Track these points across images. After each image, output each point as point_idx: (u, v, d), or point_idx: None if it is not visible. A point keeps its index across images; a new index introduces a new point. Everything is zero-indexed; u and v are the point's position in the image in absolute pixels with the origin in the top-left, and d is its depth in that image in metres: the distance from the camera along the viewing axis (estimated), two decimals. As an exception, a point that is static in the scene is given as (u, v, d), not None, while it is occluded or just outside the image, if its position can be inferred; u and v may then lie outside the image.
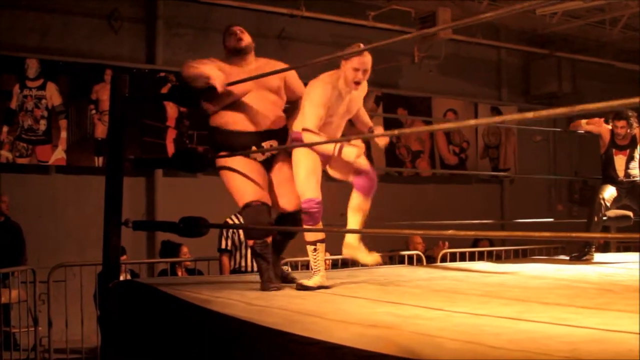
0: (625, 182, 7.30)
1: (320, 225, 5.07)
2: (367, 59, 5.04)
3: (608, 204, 7.23)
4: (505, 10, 3.56)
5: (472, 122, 12.00)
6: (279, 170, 5.35)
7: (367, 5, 12.27)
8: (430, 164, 13.75)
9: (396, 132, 9.20)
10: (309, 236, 5.05)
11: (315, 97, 5.06)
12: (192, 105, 5.76)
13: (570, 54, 14.60)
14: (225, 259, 7.82)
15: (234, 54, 5.40)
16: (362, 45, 4.83)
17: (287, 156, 5.30)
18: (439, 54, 13.13)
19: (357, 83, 5.06)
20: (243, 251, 7.59)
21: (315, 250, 5.05)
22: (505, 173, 14.63)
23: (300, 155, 5.06)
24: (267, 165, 5.35)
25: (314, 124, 4.98)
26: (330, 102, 5.08)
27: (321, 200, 5.02)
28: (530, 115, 3.18)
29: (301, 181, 5.04)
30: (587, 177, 13.26)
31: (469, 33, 13.23)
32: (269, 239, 5.19)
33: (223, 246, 7.80)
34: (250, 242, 5.22)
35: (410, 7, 12.21)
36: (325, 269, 5.18)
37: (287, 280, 5.36)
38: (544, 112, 3.09)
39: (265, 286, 5.05)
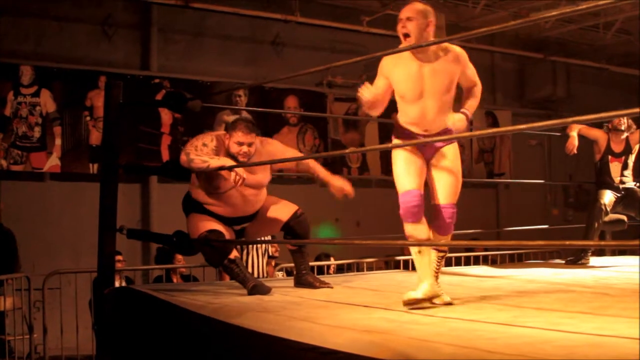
0: (620, 189, 7.29)
1: (421, 225, 4.51)
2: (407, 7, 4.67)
3: (608, 209, 7.21)
4: (514, 24, 3.56)
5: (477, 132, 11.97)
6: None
7: (361, 10, 12.27)
8: (426, 169, 13.73)
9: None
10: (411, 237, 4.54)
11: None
12: (187, 111, 5.75)
13: (564, 58, 14.61)
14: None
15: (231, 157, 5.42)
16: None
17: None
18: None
19: (405, 35, 4.57)
20: (251, 257, 7.61)
21: (419, 252, 4.46)
22: (500, 179, 14.63)
23: (394, 154, 4.64)
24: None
25: (369, 93, 4.53)
26: (388, 69, 4.60)
27: (420, 193, 4.46)
28: (523, 127, 3.20)
29: (397, 179, 4.57)
30: (582, 182, 13.27)
31: (463, 37, 13.24)
32: (232, 255, 5.29)
33: None
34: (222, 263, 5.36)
35: (404, 12, 12.21)
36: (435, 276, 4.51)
37: (307, 284, 5.45)
38: (537, 125, 3.11)
39: (248, 286, 5.17)
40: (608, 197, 7.23)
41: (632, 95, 13.40)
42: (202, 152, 5.23)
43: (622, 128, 7.27)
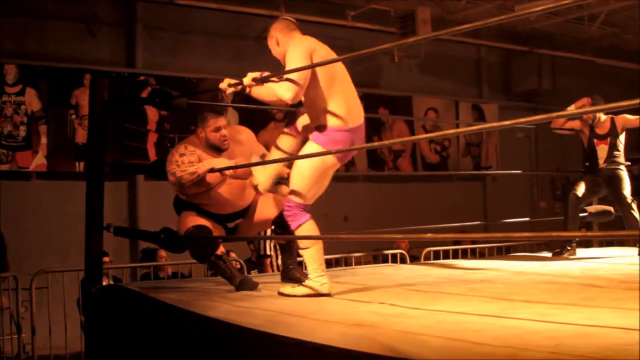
0: (604, 170, 7.26)
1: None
2: None
3: (580, 195, 7.20)
4: (501, 19, 3.56)
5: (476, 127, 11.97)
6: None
7: (346, 5, 12.27)
8: (412, 163, 13.76)
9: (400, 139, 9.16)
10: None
11: None
12: (173, 108, 5.74)
13: (550, 50, 14.65)
14: (267, 263, 7.99)
15: (214, 149, 5.41)
16: None
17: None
18: (418, 53, 13.16)
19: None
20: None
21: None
22: (487, 171, 14.67)
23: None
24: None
25: None
26: None
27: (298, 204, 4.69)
28: (508, 123, 3.22)
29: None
30: (569, 172, 13.30)
31: (450, 32, 13.25)
32: (218, 251, 5.32)
33: (265, 251, 7.93)
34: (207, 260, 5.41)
35: (389, 6, 12.23)
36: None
37: (294, 279, 5.45)
38: (522, 120, 3.13)
39: (235, 282, 5.16)
40: (581, 187, 7.23)
41: (617, 88, 13.45)
42: (184, 164, 5.22)
43: (602, 132, 7.30)
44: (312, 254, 4.65)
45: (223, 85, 4.96)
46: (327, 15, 12.26)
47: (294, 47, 4.72)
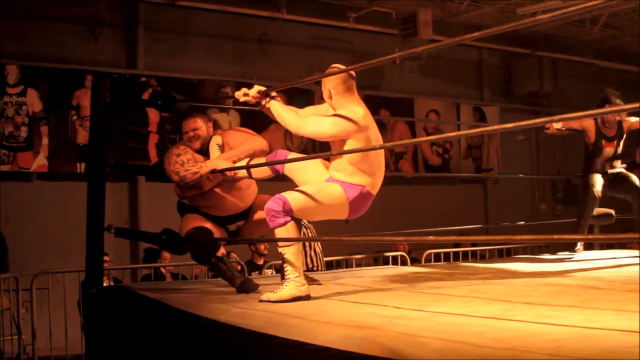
0: (609, 174, 7.25)
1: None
2: None
3: (599, 195, 7.18)
4: (507, 26, 3.56)
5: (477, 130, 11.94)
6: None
7: (348, 6, 12.26)
8: (414, 165, 13.75)
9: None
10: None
11: None
12: (175, 111, 5.76)
13: (551, 53, 14.64)
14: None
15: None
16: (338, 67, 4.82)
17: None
18: (420, 55, 13.14)
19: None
20: (308, 251, 7.60)
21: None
22: (488, 174, 14.65)
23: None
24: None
25: None
26: None
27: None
28: (510, 126, 3.22)
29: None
30: (570, 176, 13.29)
31: (450, 33, 13.26)
32: (219, 253, 5.33)
33: None
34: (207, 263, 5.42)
35: (391, 8, 12.22)
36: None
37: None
38: (524, 123, 3.14)
39: (236, 284, 5.17)
40: (599, 182, 7.19)
41: (618, 90, 13.43)
42: (187, 164, 5.24)
43: (611, 134, 7.26)
44: (293, 253, 4.63)
45: (239, 94, 5.03)
46: (328, 17, 12.26)
47: (359, 109, 4.82)
